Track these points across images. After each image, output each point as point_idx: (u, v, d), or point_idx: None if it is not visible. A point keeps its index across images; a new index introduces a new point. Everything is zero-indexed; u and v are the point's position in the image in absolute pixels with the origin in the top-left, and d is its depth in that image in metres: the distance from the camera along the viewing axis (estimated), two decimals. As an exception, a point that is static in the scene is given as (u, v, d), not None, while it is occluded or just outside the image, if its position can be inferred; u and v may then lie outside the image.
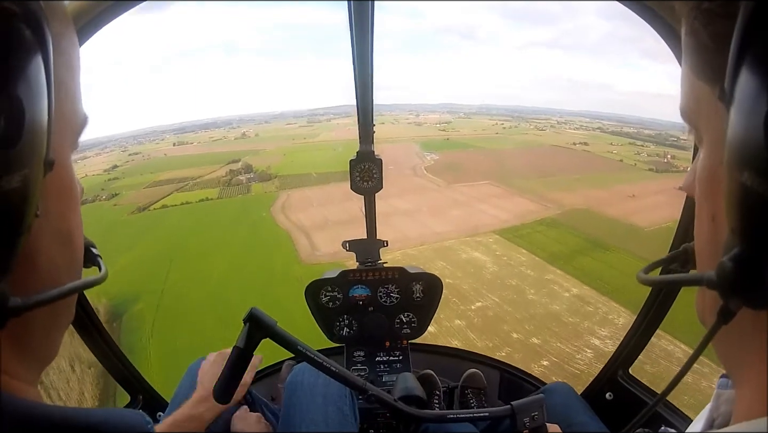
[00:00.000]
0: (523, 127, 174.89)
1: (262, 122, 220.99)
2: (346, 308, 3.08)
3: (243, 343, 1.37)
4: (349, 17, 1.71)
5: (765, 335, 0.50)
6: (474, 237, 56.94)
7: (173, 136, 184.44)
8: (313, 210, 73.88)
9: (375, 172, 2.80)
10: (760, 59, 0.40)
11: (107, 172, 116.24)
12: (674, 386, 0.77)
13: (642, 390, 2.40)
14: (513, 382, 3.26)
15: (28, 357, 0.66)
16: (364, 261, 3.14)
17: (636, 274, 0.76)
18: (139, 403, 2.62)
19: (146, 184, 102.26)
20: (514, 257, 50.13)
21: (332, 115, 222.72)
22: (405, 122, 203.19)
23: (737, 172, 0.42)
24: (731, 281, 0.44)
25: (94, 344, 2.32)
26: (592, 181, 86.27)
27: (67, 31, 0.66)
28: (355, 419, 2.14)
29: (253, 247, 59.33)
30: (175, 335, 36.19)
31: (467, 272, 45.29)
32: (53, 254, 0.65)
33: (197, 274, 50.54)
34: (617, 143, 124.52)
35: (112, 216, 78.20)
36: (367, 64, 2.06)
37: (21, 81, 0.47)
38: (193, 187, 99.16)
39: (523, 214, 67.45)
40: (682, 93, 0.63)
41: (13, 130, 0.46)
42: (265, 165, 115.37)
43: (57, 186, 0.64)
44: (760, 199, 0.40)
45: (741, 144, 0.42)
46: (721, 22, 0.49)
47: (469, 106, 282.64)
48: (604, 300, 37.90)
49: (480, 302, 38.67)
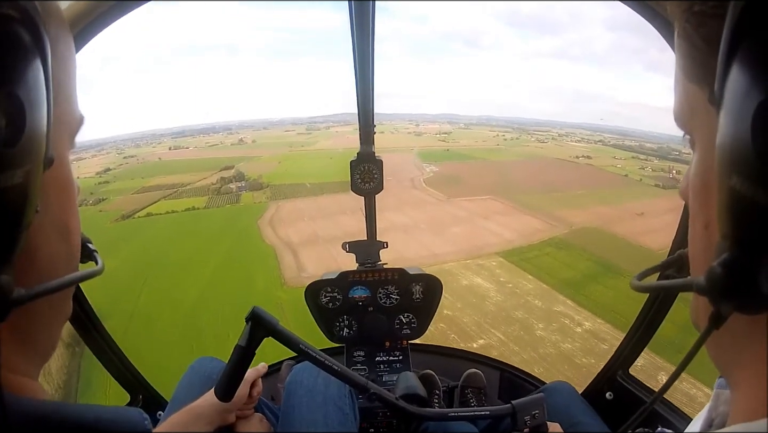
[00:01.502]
0: (525, 139, 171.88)
1: (261, 128, 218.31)
2: (346, 308, 3.11)
3: (245, 342, 1.40)
4: (350, 18, 1.74)
5: (757, 338, 0.50)
6: (476, 259, 51.58)
7: (171, 139, 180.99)
8: (303, 224, 68.83)
9: (376, 173, 2.82)
10: (747, 61, 0.40)
11: (99, 175, 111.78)
12: (669, 386, 0.77)
13: (642, 390, 2.43)
14: (513, 382, 3.29)
15: (28, 351, 0.67)
16: (364, 262, 3.16)
17: (630, 281, 0.75)
18: (138, 402, 2.63)
19: (135, 189, 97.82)
20: (520, 284, 44.80)
21: (331, 123, 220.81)
22: (405, 132, 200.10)
23: (726, 176, 0.42)
24: (721, 287, 0.44)
25: (93, 343, 2.34)
26: (598, 197, 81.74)
27: (64, 33, 0.67)
28: (355, 419, 2.12)
29: (234, 265, 54.11)
30: (140, 367, 30.30)
31: (468, 303, 39.91)
32: (52, 248, 0.67)
33: (171, 296, 45.60)
34: (621, 157, 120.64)
35: (95, 223, 73.30)
36: (368, 66, 2.08)
37: (21, 82, 0.48)
38: (182, 195, 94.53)
39: (528, 233, 62.42)
40: (676, 97, 0.63)
41: (15, 129, 0.47)
42: (257, 173, 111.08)
43: (56, 183, 0.66)
44: (749, 203, 0.40)
45: (730, 147, 0.41)
46: (712, 24, 0.48)
47: (470, 117, 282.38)
48: (619, 336, 31.98)
49: (483, 339, 33.81)
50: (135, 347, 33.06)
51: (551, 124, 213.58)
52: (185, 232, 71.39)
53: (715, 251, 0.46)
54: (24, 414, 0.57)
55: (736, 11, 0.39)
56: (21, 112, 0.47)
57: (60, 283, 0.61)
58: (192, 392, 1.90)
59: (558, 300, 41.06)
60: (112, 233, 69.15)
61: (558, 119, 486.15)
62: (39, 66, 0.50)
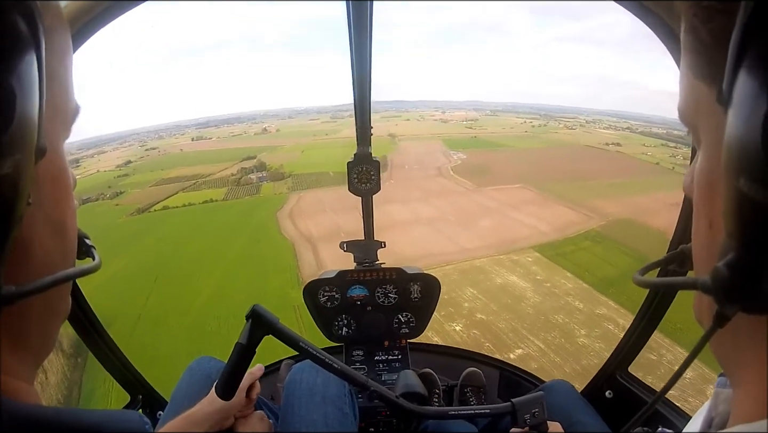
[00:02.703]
0: (553, 126, 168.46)
1: (286, 117, 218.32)
2: (345, 307, 3.11)
3: (245, 339, 1.40)
4: (347, 18, 1.75)
5: (761, 338, 0.50)
6: (509, 255, 47.45)
7: (195, 130, 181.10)
8: (324, 216, 65.46)
9: (373, 174, 2.83)
10: (759, 61, 0.39)
11: (119, 168, 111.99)
12: (671, 386, 0.77)
13: (641, 388, 2.43)
14: (512, 380, 3.29)
15: (24, 352, 0.66)
16: (362, 261, 3.14)
17: (632, 275, 0.75)
18: (139, 403, 2.64)
19: (153, 182, 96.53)
20: (558, 282, 40.62)
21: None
22: (431, 119, 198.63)
23: (734, 177, 0.41)
24: (726, 287, 0.44)
25: (93, 345, 2.35)
26: (631, 186, 78.06)
27: (59, 24, 0.66)
28: (354, 418, 2.12)
29: (248, 262, 50.82)
30: (144, 369, 27.53)
31: (503, 305, 35.86)
32: (46, 243, 0.65)
33: (180, 297, 42.45)
34: (650, 144, 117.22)
35: (110, 217, 72.07)
36: (366, 66, 2.08)
37: (11, 70, 0.47)
38: (201, 186, 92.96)
39: (563, 225, 58.32)
40: (681, 93, 0.61)
41: (4, 117, 0.46)
42: (279, 163, 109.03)
43: (49, 174, 0.64)
44: (756, 205, 0.39)
45: (738, 148, 0.41)
46: (721, 19, 0.48)
47: (495, 104, 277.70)
48: (668, 344, 27.91)
49: (521, 349, 30.10)
50: (139, 351, 31.20)
51: (577, 110, 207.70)
52: (201, 226, 69.18)
53: (719, 250, 0.46)
54: (21, 419, 0.56)
55: (747, 8, 0.38)
56: (11, 100, 0.47)
57: (53, 279, 0.59)
58: (191, 392, 1.93)
59: (599, 301, 36.71)
60: (126, 229, 67.43)
61: (582, 106, 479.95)
62: (32, 54, 0.49)
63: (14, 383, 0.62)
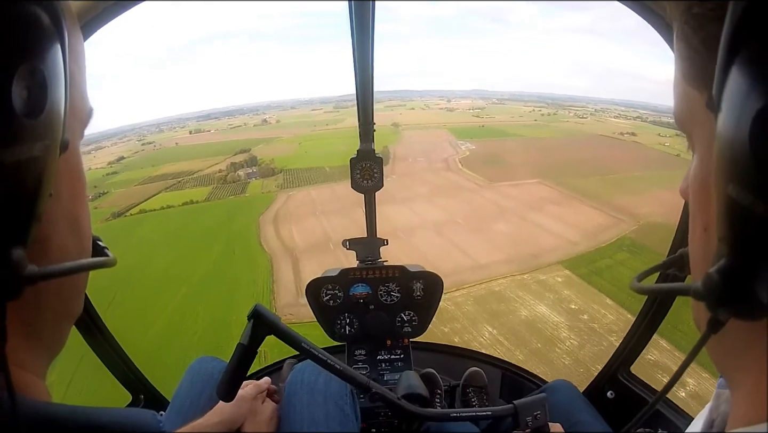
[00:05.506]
0: (562, 115, 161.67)
1: (289, 108, 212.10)
2: (347, 306, 3.04)
3: (247, 340, 1.39)
4: (349, 16, 1.74)
5: (757, 342, 0.50)
6: (534, 273, 38.24)
7: (195, 123, 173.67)
8: (313, 220, 57.54)
9: (376, 171, 2.81)
10: (746, 67, 0.38)
11: (110, 165, 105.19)
12: (671, 387, 0.75)
13: (643, 388, 2.43)
14: (515, 381, 3.24)
15: (36, 347, 0.66)
16: (364, 259, 3.09)
17: (630, 282, 0.74)
18: (140, 402, 2.63)
19: (139, 180, 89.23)
20: (597, 313, 31.27)
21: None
22: (436, 108, 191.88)
23: (724, 183, 0.41)
24: (717, 293, 0.44)
25: (95, 343, 2.32)
26: (656, 180, 68.95)
27: (74, 27, 0.67)
28: (356, 418, 2.07)
29: (216, 283, 42.15)
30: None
31: (533, 351, 26.92)
32: (63, 240, 0.66)
33: (136, 323, 34.32)
34: (665, 134, 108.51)
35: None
36: (368, 63, 2.07)
37: (44, 59, 0.48)
38: (185, 185, 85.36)
39: (591, 231, 49.30)
40: (675, 100, 0.62)
41: (38, 100, 0.47)
42: (270, 157, 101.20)
43: (68, 170, 0.65)
44: (746, 212, 0.39)
45: (727, 155, 0.41)
46: (711, 27, 0.47)
47: (501, 93, 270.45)
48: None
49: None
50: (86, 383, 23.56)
51: (584, 99, 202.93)
52: (174, 234, 61.02)
53: (713, 256, 0.46)
54: (37, 417, 0.57)
55: (735, 14, 0.38)
56: (43, 87, 0.48)
57: (74, 265, 0.59)
58: (193, 392, 1.94)
59: (651, 342, 26.32)
60: (100, 235, 58.34)
61: (589, 95, 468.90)
62: (59, 48, 0.51)
63: (26, 377, 0.62)
